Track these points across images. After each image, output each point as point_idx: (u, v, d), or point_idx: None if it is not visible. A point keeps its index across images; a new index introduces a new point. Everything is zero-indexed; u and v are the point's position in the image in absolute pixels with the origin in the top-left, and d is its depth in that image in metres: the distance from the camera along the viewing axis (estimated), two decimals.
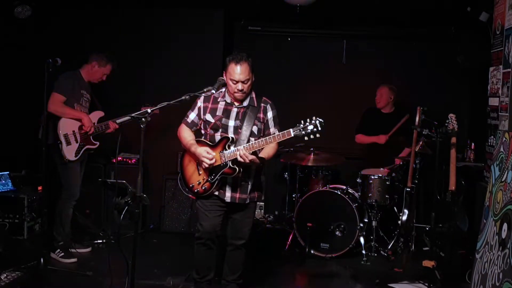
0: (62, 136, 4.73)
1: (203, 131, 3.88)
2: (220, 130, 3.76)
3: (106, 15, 6.16)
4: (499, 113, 4.55)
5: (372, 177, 5.25)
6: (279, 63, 6.48)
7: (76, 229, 5.27)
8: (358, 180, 5.39)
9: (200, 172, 3.77)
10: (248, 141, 3.68)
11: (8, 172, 5.62)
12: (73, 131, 4.80)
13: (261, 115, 3.79)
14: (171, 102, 3.49)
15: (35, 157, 5.04)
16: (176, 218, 5.84)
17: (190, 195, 3.91)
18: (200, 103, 3.83)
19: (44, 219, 4.73)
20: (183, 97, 3.49)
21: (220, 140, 3.72)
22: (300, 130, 3.45)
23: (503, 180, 3.50)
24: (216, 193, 3.77)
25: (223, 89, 3.79)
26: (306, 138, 3.45)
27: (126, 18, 6.18)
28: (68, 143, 4.76)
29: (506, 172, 3.48)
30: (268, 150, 3.75)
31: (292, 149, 5.66)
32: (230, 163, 3.64)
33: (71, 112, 4.77)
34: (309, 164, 5.50)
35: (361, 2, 5.63)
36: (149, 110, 3.38)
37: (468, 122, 6.17)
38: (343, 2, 5.61)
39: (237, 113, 3.76)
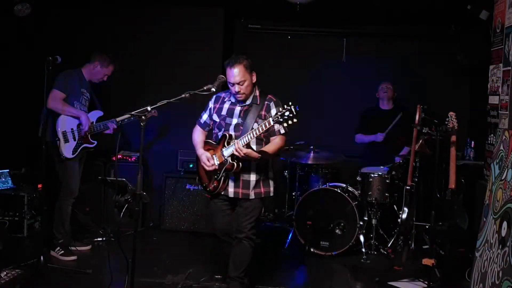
0: (61, 134, 4.73)
1: (213, 131, 3.99)
2: (223, 128, 3.85)
3: (107, 14, 6.14)
4: (499, 111, 4.55)
5: (372, 175, 5.24)
6: (279, 61, 6.47)
7: (76, 227, 5.28)
8: (358, 178, 5.39)
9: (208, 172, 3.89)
10: None
11: (8, 170, 5.62)
12: (72, 129, 4.79)
13: (263, 113, 3.80)
14: (171, 100, 3.51)
15: (35, 155, 5.03)
16: (176, 216, 5.83)
17: (206, 194, 4.04)
18: (211, 104, 3.98)
19: (44, 217, 4.74)
20: (183, 95, 3.52)
21: (220, 139, 3.82)
22: (278, 118, 3.45)
23: (503, 178, 3.50)
24: (222, 192, 3.87)
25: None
26: (285, 124, 3.45)
27: (126, 17, 6.17)
28: (66, 140, 4.75)
29: (506, 170, 3.47)
30: (270, 145, 3.81)
31: (292, 147, 5.65)
32: (229, 159, 3.72)
33: (70, 110, 4.76)
34: (309, 162, 5.49)
35: (361, 1, 5.63)
36: (149, 108, 3.39)
37: (468, 121, 6.16)
38: (343, 1, 5.61)
39: (240, 111, 3.84)
